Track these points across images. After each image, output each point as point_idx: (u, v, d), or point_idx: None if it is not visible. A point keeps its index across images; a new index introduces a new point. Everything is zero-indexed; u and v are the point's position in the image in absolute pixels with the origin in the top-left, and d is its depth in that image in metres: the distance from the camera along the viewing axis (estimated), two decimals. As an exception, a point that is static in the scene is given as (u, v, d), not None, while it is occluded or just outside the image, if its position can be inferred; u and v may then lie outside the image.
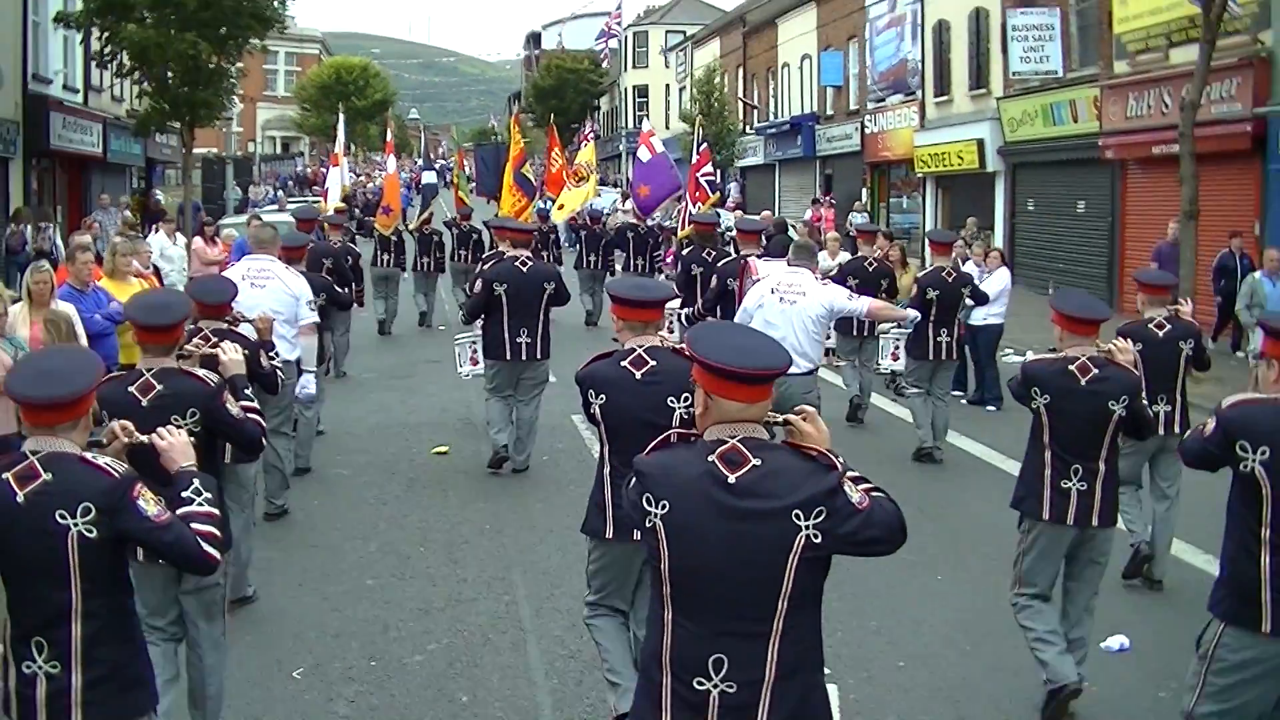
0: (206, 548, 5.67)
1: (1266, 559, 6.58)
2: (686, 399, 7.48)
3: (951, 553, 12.39)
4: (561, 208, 31.54)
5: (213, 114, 38.77)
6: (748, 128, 63.47)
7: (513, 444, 15.34)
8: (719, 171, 57.41)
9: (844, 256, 20.89)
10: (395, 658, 9.83)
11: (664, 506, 4.90)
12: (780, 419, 5.16)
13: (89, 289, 14.13)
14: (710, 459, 4.88)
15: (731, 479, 4.83)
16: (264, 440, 8.11)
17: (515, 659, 9.80)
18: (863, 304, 13.65)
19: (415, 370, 22.79)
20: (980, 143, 38.68)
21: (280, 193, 54.44)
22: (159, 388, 7.42)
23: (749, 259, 15.38)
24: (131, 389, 7.39)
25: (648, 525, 4.96)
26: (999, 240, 37.29)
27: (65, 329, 12.17)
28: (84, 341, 12.39)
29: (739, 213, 41.88)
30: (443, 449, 16.58)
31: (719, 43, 71.71)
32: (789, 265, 13.49)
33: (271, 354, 10.30)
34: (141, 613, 6.99)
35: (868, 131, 49.13)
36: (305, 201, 38.82)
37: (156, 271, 20.59)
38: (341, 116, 40.20)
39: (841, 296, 13.40)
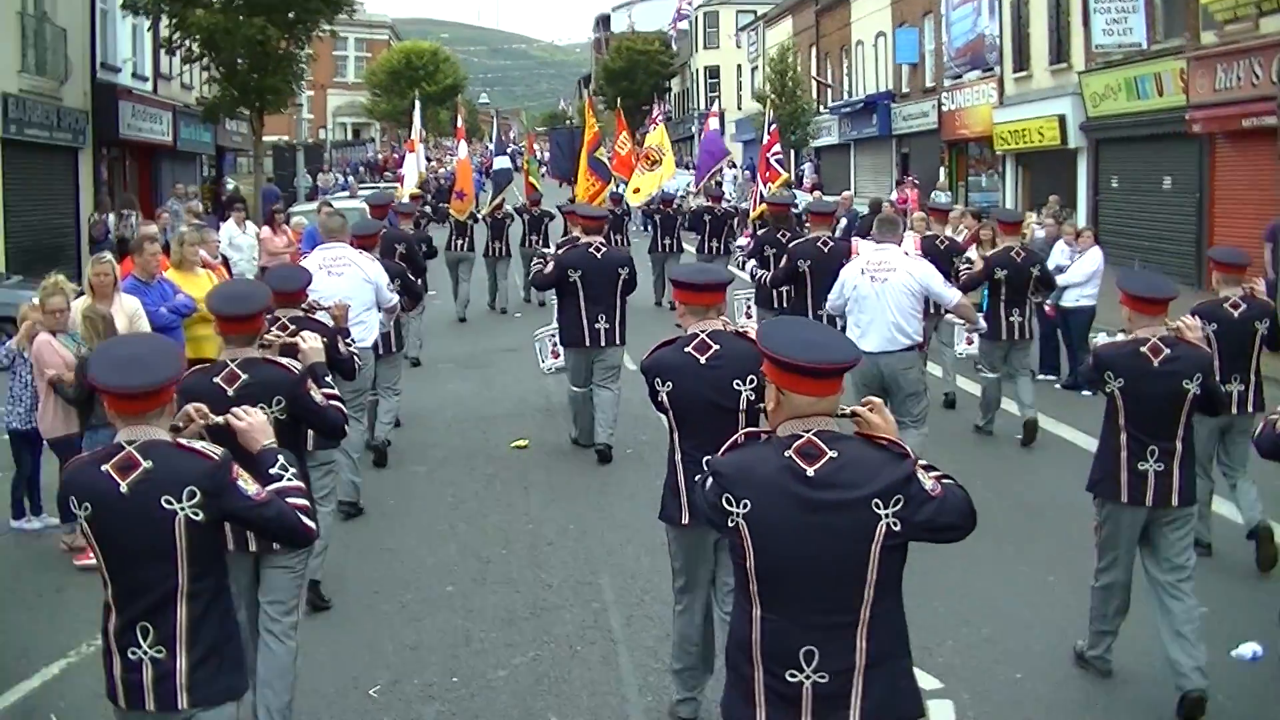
0: (305, 520, 5.90)
1: None
2: (752, 380, 7.53)
3: (1058, 548, 11.67)
4: (637, 191, 31.08)
5: (282, 100, 38.39)
6: (822, 107, 62.50)
7: (594, 431, 15.32)
8: (793, 152, 57.74)
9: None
10: (478, 673, 9.31)
11: (745, 505, 4.98)
12: (848, 411, 5.21)
13: (154, 281, 13.72)
14: (787, 454, 4.98)
15: (810, 472, 4.93)
16: (346, 429, 8.29)
17: (606, 673, 9.24)
18: (955, 295, 13.60)
19: (491, 360, 22.24)
20: (1062, 118, 37.66)
21: (351, 179, 54.03)
22: (244, 377, 7.54)
23: (850, 240, 15.28)
24: (217, 380, 7.52)
25: (730, 525, 5.04)
26: (1082, 218, 36.27)
27: (104, 326, 11.66)
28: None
29: (817, 193, 41.29)
30: (522, 442, 16.04)
31: (791, 21, 70.83)
32: (875, 243, 13.41)
33: (348, 340, 10.45)
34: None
35: (945, 109, 48.17)
36: (377, 188, 38.06)
37: (225, 262, 20.22)
38: (417, 102, 39.66)
39: (937, 279, 13.25)
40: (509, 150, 38.85)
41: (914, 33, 51.63)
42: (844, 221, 27.93)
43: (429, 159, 61.98)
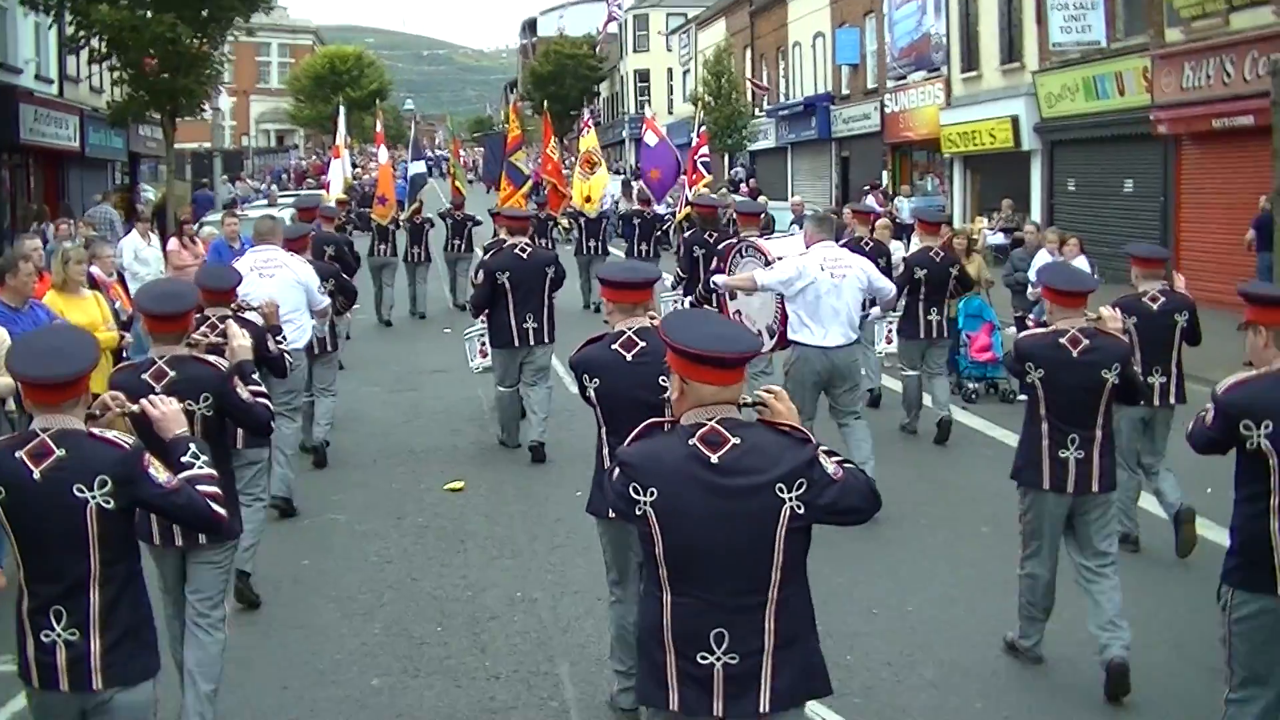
0: (215, 508, 6.02)
1: (1276, 525, 6.73)
2: None
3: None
4: (589, 200, 30.43)
5: (195, 103, 36.26)
6: (757, 110, 61.12)
7: (519, 431, 15.75)
8: (727, 156, 56.40)
9: (897, 246, 20.24)
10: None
11: (652, 493, 5.10)
12: (752, 400, 5.30)
13: (26, 306, 11.79)
14: (691, 442, 5.10)
15: (714, 459, 5.06)
16: (272, 424, 8.60)
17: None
18: (890, 286, 13.88)
19: (419, 382, 20.53)
20: (1015, 120, 36.44)
21: (274, 187, 52.04)
22: (171, 374, 7.71)
23: (754, 239, 15.29)
24: (145, 376, 7.66)
25: (638, 514, 5.15)
26: (1037, 221, 35.24)
27: None
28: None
29: (762, 198, 39.95)
30: (457, 485, 14.17)
31: (725, 23, 69.80)
32: (816, 241, 13.22)
33: (279, 338, 10.65)
34: (162, 596, 7.75)
35: (888, 111, 47.06)
36: (298, 195, 36.12)
37: (121, 278, 18.65)
38: (342, 107, 39.73)
39: (874, 270, 13.55)
40: (426, 155, 39.21)
41: (855, 33, 50.61)
42: (794, 228, 26.98)
43: (354, 165, 61.36)
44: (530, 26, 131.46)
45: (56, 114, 36.92)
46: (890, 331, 17.30)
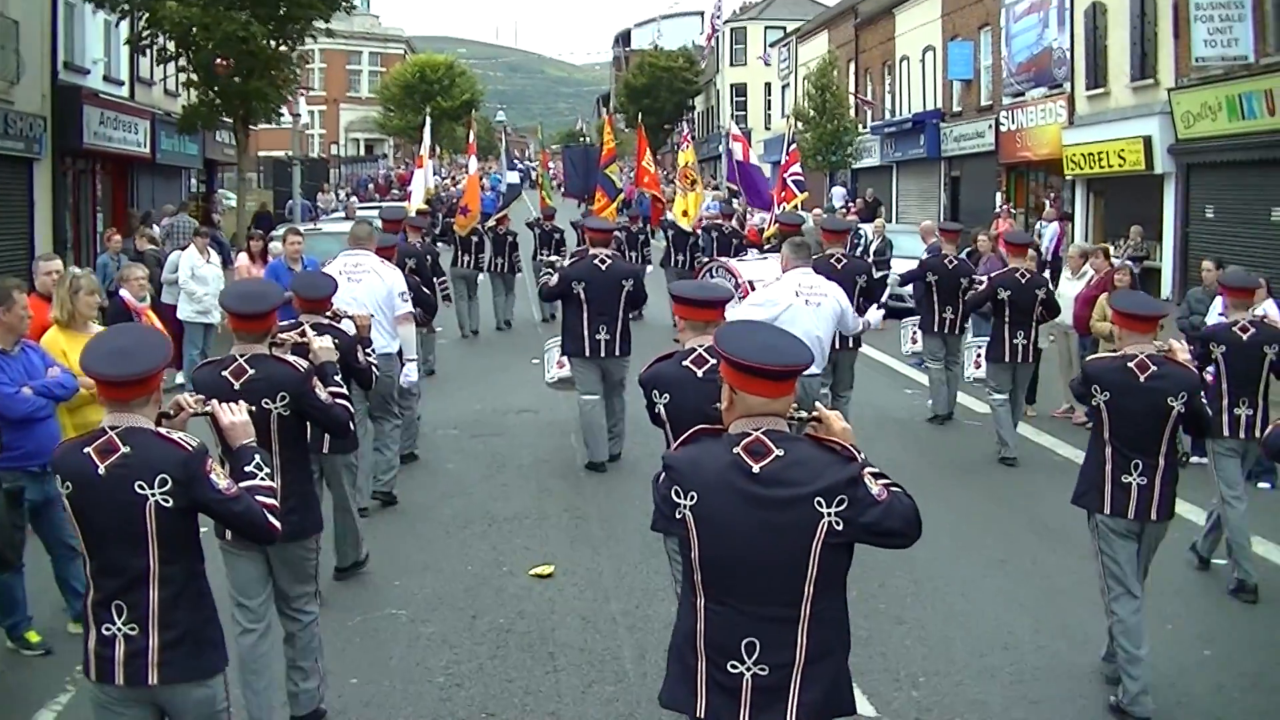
0: (270, 519, 6.12)
1: None
2: None
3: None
4: (686, 214, 30.20)
5: (269, 107, 34.09)
6: (860, 126, 58.44)
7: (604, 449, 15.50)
8: (828, 175, 54.31)
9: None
10: None
11: (692, 498, 5.18)
12: (809, 415, 5.37)
13: (16, 348, 9.64)
14: (736, 451, 5.16)
15: (756, 469, 5.11)
16: (351, 425, 8.67)
17: None
18: (857, 324, 14.26)
19: (503, 425, 18.13)
20: (1147, 140, 33.71)
21: (353, 199, 49.85)
22: (251, 372, 7.91)
23: (725, 261, 16.63)
24: (225, 373, 7.90)
25: (678, 516, 5.22)
26: (1168, 252, 33.01)
27: None
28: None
29: (854, 218, 37.76)
30: (545, 569, 11.72)
31: (827, 36, 67.39)
32: (793, 266, 13.40)
33: (368, 350, 10.80)
34: (235, 595, 7.99)
35: (1003, 129, 44.43)
36: (380, 207, 34.74)
37: (154, 302, 16.87)
38: (428, 118, 38.46)
39: (845, 298, 13.61)
40: (521, 166, 39.68)
41: (968, 46, 48.06)
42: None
43: (442, 175, 60.35)
44: (624, 39, 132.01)
45: (126, 118, 34.98)
46: (979, 356, 17.39)
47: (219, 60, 31.18)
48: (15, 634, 9.83)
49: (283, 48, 32.44)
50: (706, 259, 26.81)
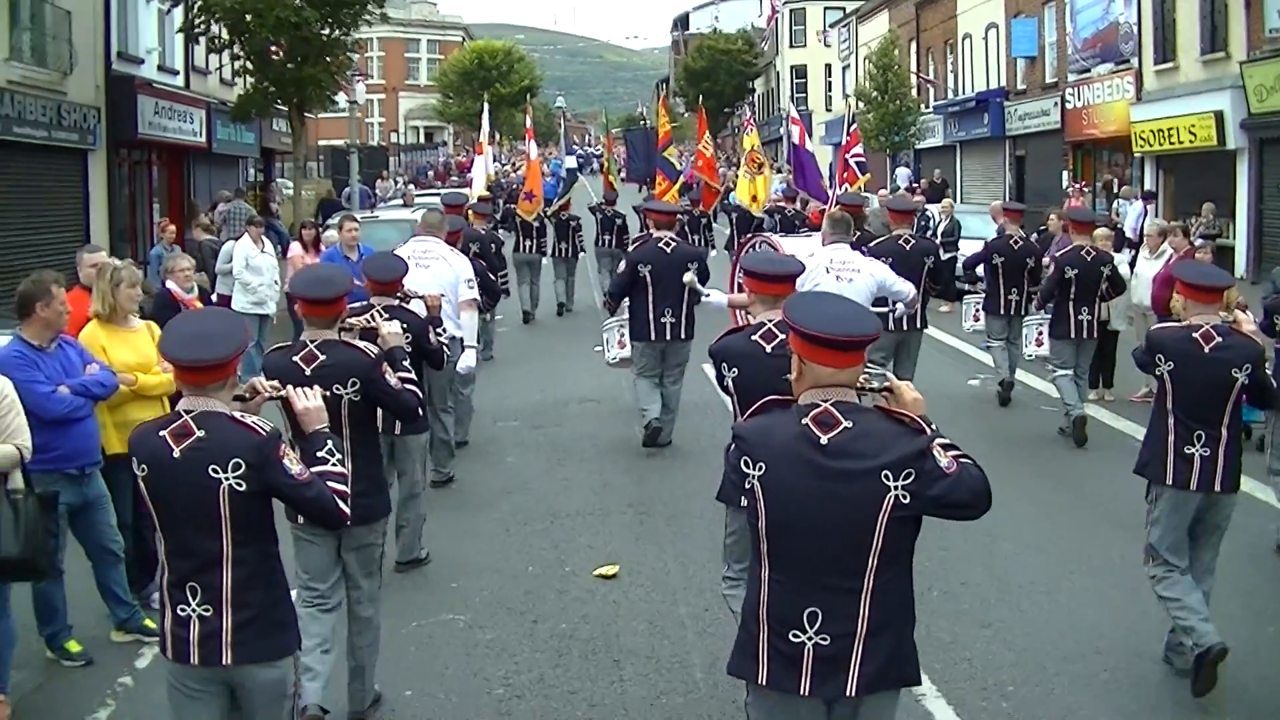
0: (341, 505, 6.17)
1: None
2: None
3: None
4: (754, 199, 30.45)
5: (324, 94, 33.53)
6: (923, 106, 57.77)
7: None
8: (889, 155, 53.71)
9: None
10: None
11: (761, 468, 5.18)
12: (880, 386, 5.41)
13: (53, 344, 9.22)
14: (804, 422, 5.15)
15: (824, 440, 5.10)
16: (421, 410, 8.85)
17: None
18: (909, 289, 13.54)
19: (565, 416, 17.71)
20: (1219, 115, 32.91)
21: (410, 186, 49.44)
22: (322, 358, 7.98)
23: (770, 236, 16.60)
24: (296, 359, 7.98)
25: (747, 486, 5.23)
26: (1242, 229, 32.18)
27: None
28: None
29: (920, 198, 36.96)
30: (609, 570, 11.21)
31: (887, 15, 66.65)
32: (831, 241, 13.37)
33: (439, 330, 10.96)
34: (302, 577, 8.10)
35: (1069, 107, 43.66)
36: (440, 193, 34.09)
37: (204, 294, 16.53)
38: (486, 104, 38.81)
39: (890, 274, 13.32)
40: (583, 151, 39.56)
41: (1032, 23, 47.35)
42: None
43: (502, 162, 60.24)
44: (682, 22, 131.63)
45: (181, 107, 34.67)
46: (1041, 334, 17.32)
47: (272, 47, 30.84)
48: (55, 644, 9.50)
49: (336, 33, 31.90)
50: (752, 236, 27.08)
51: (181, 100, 34.89)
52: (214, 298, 20.29)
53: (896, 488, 5.03)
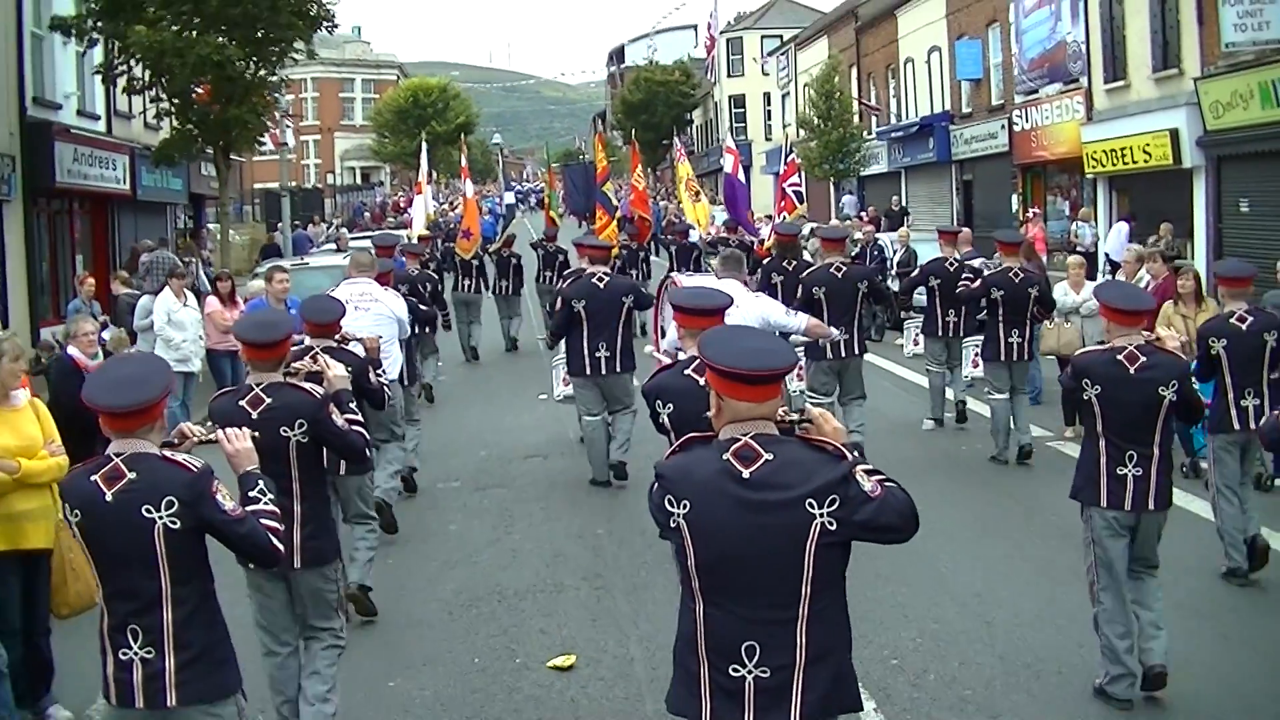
0: (274, 541, 6.21)
1: None
2: None
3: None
4: (699, 223, 30.66)
5: (251, 136, 32.35)
6: (865, 133, 56.98)
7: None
8: (832, 183, 53.03)
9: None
10: None
11: (685, 506, 5.19)
12: (799, 417, 5.38)
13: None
14: (725, 457, 5.18)
15: (746, 474, 5.13)
16: (367, 452, 9.04)
17: None
18: (801, 321, 13.47)
19: (512, 475, 16.68)
20: (1174, 133, 32.02)
21: (343, 230, 48.13)
22: (268, 401, 8.00)
23: (675, 276, 16.44)
24: (242, 403, 8.01)
25: (672, 525, 5.24)
26: (1200, 249, 31.43)
27: None
28: None
29: (870, 228, 36.28)
30: (565, 661, 10.02)
31: (827, 41, 65.89)
32: (717, 276, 13.32)
33: (379, 371, 11.16)
34: (261, 634, 8.14)
35: (1017, 129, 42.95)
36: (373, 235, 33.17)
37: (104, 349, 14.92)
38: (424, 143, 38.51)
39: (778, 311, 13.23)
40: (521, 188, 40.01)
41: (976, 45, 46.57)
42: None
43: (440, 201, 59.56)
44: (618, 55, 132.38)
45: (102, 153, 33.15)
46: (977, 356, 17.86)
47: (196, 88, 29.64)
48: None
49: (262, 72, 30.77)
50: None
51: (103, 146, 33.37)
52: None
53: (822, 515, 5.05)
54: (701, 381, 7.87)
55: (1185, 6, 31.55)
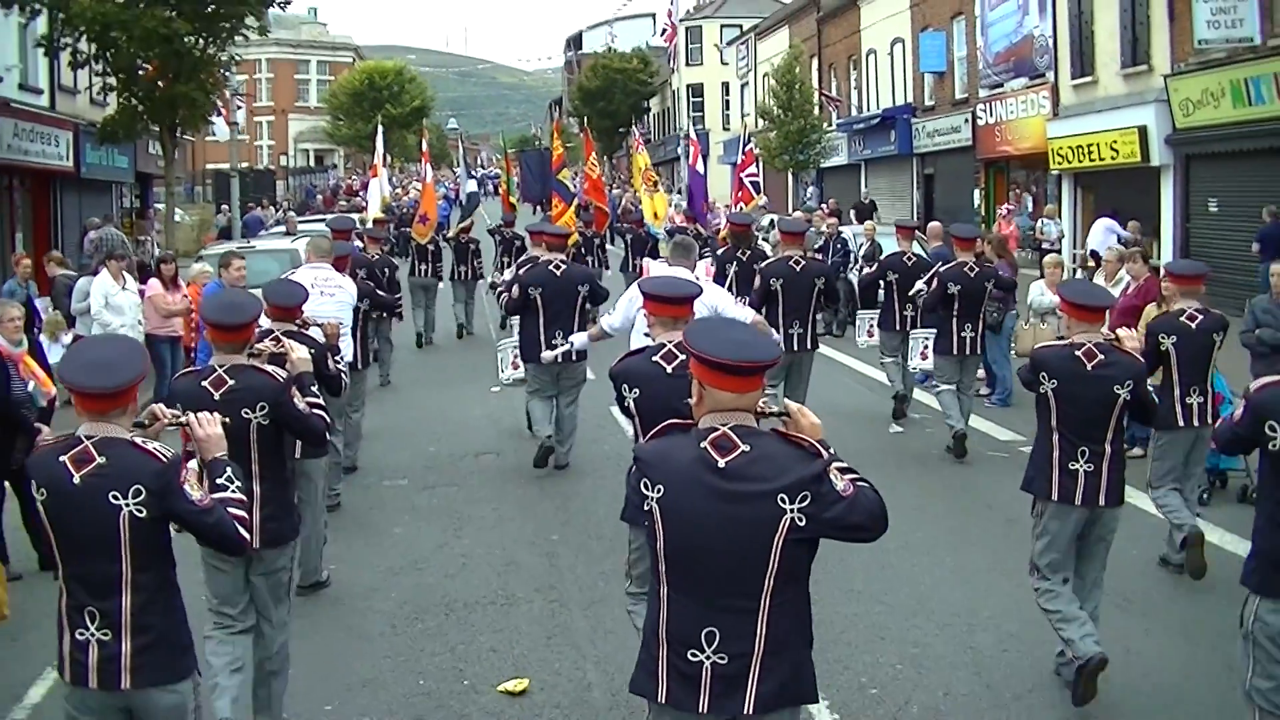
0: (241, 531, 6.16)
1: None
2: None
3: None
4: (656, 216, 30.49)
5: (200, 115, 31.66)
6: (826, 124, 56.22)
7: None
8: (790, 175, 52.55)
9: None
10: None
11: (660, 490, 5.24)
12: (778, 411, 5.42)
13: None
14: (702, 445, 5.22)
15: (721, 463, 5.16)
16: (327, 436, 8.77)
17: None
18: (747, 314, 13.44)
19: (461, 474, 15.89)
20: (1142, 130, 31.61)
21: (291, 214, 47.09)
22: (231, 382, 7.99)
23: (644, 261, 17.21)
24: (205, 384, 7.99)
25: (646, 508, 5.30)
26: (1167, 248, 31.00)
27: None
28: None
29: (834, 220, 35.59)
30: (517, 685, 9.20)
31: (788, 32, 65.21)
32: (669, 264, 13.22)
33: (338, 357, 11.15)
34: (212, 603, 8.14)
35: (981, 123, 42.44)
36: (327, 219, 32.48)
37: (36, 347, 14.57)
38: (380, 125, 38.38)
39: (727, 301, 12.90)
40: (477, 175, 39.66)
41: (940, 37, 46.14)
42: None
43: (394, 185, 58.98)
44: (575, 42, 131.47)
45: (45, 129, 32.47)
46: (926, 348, 17.53)
47: (144, 64, 28.85)
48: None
49: (211, 49, 29.97)
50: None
51: (45, 121, 32.64)
52: (67, 340, 18.28)
53: (793, 510, 5.07)
54: (669, 369, 7.97)
55: (1156, 3, 31.24)
